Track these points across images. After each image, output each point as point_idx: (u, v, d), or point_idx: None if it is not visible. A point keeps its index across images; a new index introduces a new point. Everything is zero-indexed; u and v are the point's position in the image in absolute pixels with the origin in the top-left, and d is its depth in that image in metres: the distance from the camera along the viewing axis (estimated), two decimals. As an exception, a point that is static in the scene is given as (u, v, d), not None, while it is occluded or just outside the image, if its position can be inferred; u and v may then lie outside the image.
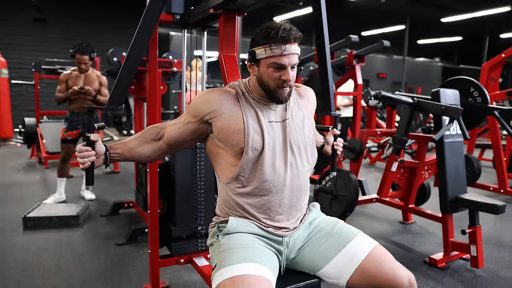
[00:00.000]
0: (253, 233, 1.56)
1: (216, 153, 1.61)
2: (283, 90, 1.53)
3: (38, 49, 12.70)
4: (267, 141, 1.53)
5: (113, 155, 1.57)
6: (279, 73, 1.50)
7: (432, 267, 3.12)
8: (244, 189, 1.55)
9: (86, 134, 1.51)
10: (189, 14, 2.36)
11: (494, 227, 4.14)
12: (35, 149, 7.53)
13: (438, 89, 3.15)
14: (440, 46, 23.24)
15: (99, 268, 3.00)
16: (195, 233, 2.60)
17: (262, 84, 1.55)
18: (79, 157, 1.47)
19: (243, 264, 1.40)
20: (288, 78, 1.50)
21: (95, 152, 1.49)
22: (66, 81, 4.54)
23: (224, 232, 1.55)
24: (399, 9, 16.05)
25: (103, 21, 13.63)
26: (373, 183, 5.36)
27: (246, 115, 1.55)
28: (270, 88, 1.53)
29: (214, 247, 1.58)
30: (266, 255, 1.51)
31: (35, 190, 5.24)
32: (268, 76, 1.51)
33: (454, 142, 3.12)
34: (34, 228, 3.80)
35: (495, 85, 5.18)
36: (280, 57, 1.48)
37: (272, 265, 1.49)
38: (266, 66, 1.51)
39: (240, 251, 1.46)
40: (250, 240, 1.52)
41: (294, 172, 1.59)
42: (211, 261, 1.56)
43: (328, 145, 2.02)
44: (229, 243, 1.51)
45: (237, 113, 1.55)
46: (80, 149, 1.48)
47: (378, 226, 4.13)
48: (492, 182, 5.66)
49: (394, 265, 1.52)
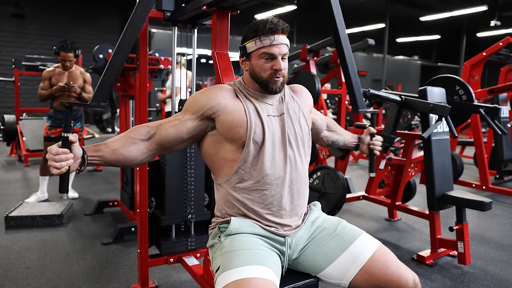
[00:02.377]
0: (256, 234, 1.53)
1: (213, 153, 1.58)
2: (276, 80, 1.55)
3: (16, 45, 12.49)
4: (268, 134, 1.53)
5: (92, 158, 1.42)
6: (271, 63, 1.53)
7: (420, 264, 3.15)
8: (244, 184, 1.53)
9: (63, 133, 1.35)
10: (180, 11, 2.33)
11: (478, 224, 4.21)
12: (14, 146, 7.40)
13: (425, 87, 3.17)
14: (419, 44, 23.58)
15: (86, 268, 2.94)
16: (185, 221, 2.58)
17: (255, 76, 1.57)
18: (53, 160, 1.29)
19: (249, 266, 1.38)
20: (280, 67, 1.53)
21: (72, 154, 1.34)
22: (50, 78, 4.47)
23: (226, 233, 1.52)
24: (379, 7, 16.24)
25: (82, 17, 13.47)
26: (357, 180, 5.42)
27: (247, 108, 1.55)
28: (263, 79, 1.55)
29: (215, 248, 1.55)
30: (270, 257, 1.49)
31: (16, 189, 5.12)
32: (260, 68, 1.54)
33: (441, 139, 3.16)
34: (17, 228, 3.72)
35: (477, 83, 5.27)
36: (269, 47, 1.52)
37: (276, 267, 1.47)
38: (257, 58, 1.54)
39: (245, 253, 1.43)
40: (254, 241, 1.50)
41: (293, 165, 1.58)
42: (212, 264, 1.53)
43: (364, 145, 2.05)
44: (232, 245, 1.48)
45: (239, 106, 1.55)
46: (56, 151, 1.30)
47: (364, 223, 4.16)
48: (473, 179, 5.78)
49: (399, 266, 1.52)
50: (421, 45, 24.16)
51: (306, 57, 4.94)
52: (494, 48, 5.10)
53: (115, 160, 1.46)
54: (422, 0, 15.24)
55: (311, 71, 4.85)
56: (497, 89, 4.95)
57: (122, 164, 1.50)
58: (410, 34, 21.50)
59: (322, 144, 2.07)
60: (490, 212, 4.49)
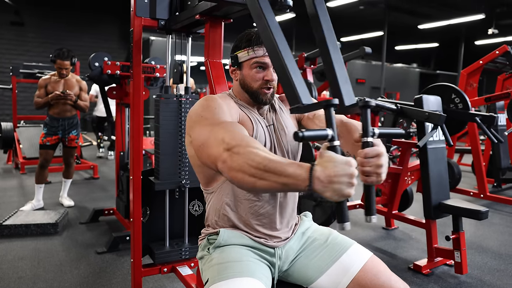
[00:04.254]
0: (245, 245, 1.51)
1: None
2: (266, 92, 1.53)
3: (15, 53, 12.53)
4: (267, 144, 1.53)
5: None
6: (262, 73, 1.52)
7: (417, 274, 3.13)
8: (235, 194, 1.51)
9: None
10: (174, 20, 2.33)
11: (475, 232, 4.19)
12: (11, 154, 7.38)
13: (421, 95, 3.17)
14: (418, 52, 23.64)
15: (79, 278, 2.92)
16: (179, 187, 2.57)
17: (245, 86, 1.55)
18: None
19: (238, 278, 1.35)
20: (271, 78, 1.52)
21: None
22: (45, 86, 4.48)
23: (215, 244, 1.50)
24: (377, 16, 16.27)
25: (81, 25, 13.53)
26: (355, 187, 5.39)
27: (252, 117, 1.53)
28: (253, 89, 1.53)
29: (204, 260, 1.53)
30: (260, 268, 1.46)
31: (11, 197, 5.10)
32: (251, 78, 1.53)
33: (437, 148, 3.15)
34: (11, 237, 3.69)
35: (474, 91, 5.27)
36: (263, 57, 1.51)
37: (266, 279, 1.44)
38: (249, 68, 1.53)
39: (234, 265, 1.41)
40: (243, 253, 1.48)
41: None
42: (202, 276, 1.51)
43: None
44: (221, 257, 1.46)
45: (244, 115, 1.53)
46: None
47: (361, 232, 4.13)
48: (471, 187, 5.76)
49: (390, 278, 1.49)
50: (420, 53, 24.22)
51: (303, 65, 4.95)
52: (490, 56, 5.11)
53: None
54: (420, 9, 15.29)
55: (308, 79, 4.85)
56: (494, 97, 4.95)
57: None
58: (408, 42, 21.56)
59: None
60: (488, 220, 4.46)
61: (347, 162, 0.99)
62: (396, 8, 15.41)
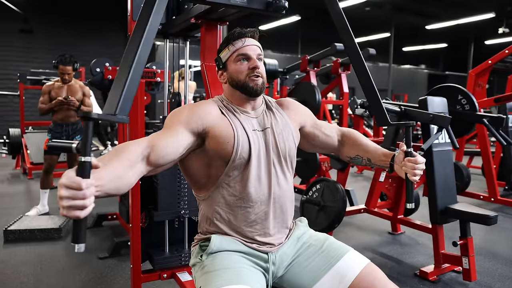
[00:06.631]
0: (238, 251, 1.48)
1: (196, 169, 1.51)
2: (255, 79, 1.51)
3: (24, 60, 12.72)
4: (253, 150, 1.48)
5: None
6: (247, 64, 1.52)
7: (423, 280, 3.06)
8: (227, 200, 1.48)
9: (80, 157, 0.98)
10: (171, 24, 2.31)
11: (485, 238, 4.10)
12: (19, 159, 7.44)
13: (425, 97, 3.11)
14: (426, 53, 23.47)
15: (81, 283, 2.90)
16: (178, 217, 2.54)
17: (233, 82, 1.54)
18: (74, 197, 0.96)
19: (231, 286, 1.32)
20: (256, 64, 1.51)
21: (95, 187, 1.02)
22: (49, 92, 4.51)
23: (207, 251, 1.46)
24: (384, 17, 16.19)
25: (89, 32, 13.72)
26: (361, 192, 5.33)
27: (233, 123, 1.50)
28: (242, 81, 1.52)
29: (197, 267, 1.49)
30: (253, 275, 1.43)
31: (19, 202, 5.13)
32: (237, 71, 1.52)
33: (443, 151, 3.08)
34: (15, 242, 3.70)
35: (483, 92, 5.17)
36: (243, 48, 1.52)
37: (260, 286, 1.41)
38: (233, 63, 1.54)
39: (226, 272, 1.38)
40: (236, 260, 1.45)
41: (277, 181, 1.53)
42: (195, 283, 1.47)
43: (397, 165, 1.58)
44: (214, 264, 1.42)
45: (225, 121, 1.50)
46: (78, 184, 0.96)
47: (366, 237, 4.07)
48: (481, 190, 5.63)
49: (387, 285, 1.45)
50: (428, 54, 24.04)
51: (306, 68, 4.90)
52: (500, 55, 5.00)
53: (115, 188, 1.14)
54: (427, 9, 15.16)
55: (312, 82, 4.81)
56: (504, 98, 4.79)
57: (117, 193, 1.17)
58: (416, 43, 21.40)
59: (342, 158, 1.85)
60: (498, 225, 4.36)
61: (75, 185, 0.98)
62: (402, 9, 15.30)
